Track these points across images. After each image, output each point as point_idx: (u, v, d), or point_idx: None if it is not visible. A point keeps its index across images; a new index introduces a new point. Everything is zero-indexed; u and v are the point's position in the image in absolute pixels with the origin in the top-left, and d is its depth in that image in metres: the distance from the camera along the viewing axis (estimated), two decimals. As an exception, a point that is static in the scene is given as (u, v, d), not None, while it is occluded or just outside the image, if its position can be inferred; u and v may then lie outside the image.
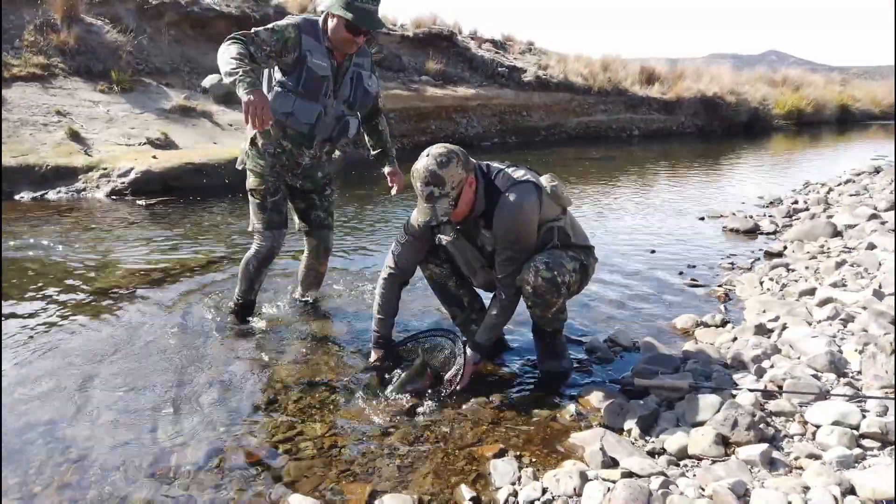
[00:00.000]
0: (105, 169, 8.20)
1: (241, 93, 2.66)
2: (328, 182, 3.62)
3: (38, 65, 10.27)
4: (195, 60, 12.58)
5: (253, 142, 3.34)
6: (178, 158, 8.49)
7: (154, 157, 8.47)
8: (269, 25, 3.04)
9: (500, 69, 17.30)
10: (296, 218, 3.67)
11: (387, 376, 2.88)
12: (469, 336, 3.04)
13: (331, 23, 3.07)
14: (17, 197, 7.65)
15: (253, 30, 2.99)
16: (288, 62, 3.06)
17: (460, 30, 18.47)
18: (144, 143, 9.02)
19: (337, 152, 3.56)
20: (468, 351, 2.84)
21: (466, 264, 2.96)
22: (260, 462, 2.28)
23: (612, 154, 13.83)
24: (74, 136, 8.82)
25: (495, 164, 2.78)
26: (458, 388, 2.76)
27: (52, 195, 7.80)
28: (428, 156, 2.59)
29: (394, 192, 3.62)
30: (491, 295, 2.94)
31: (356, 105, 3.31)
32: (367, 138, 3.71)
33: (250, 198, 3.43)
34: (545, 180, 2.77)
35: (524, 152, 13.27)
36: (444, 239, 2.87)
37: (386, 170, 3.68)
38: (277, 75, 3.13)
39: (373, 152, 3.73)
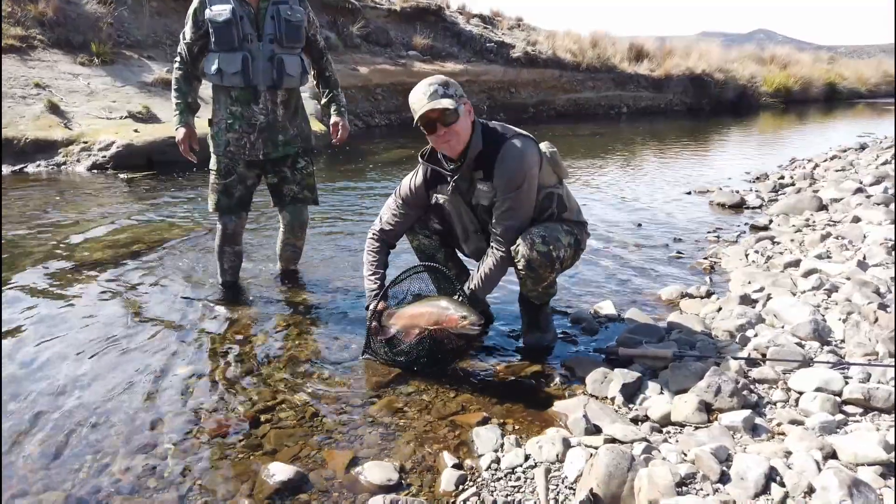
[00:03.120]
0: (86, 142, 8.07)
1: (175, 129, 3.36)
2: (299, 153, 3.49)
3: (16, 36, 10.04)
4: (177, 33, 12.33)
5: (210, 122, 3.38)
6: (161, 132, 8.36)
7: (135, 130, 8.34)
8: (188, 13, 3.22)
9: (488, 45, 17.15)
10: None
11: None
12: None
13: None
14: (-6, 171, 7.52)
15: (182, 34, 3.30)
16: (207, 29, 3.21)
17: (448, 4, 18.28)
18: (126, 117, 8.87)
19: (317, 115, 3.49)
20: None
21: (461, 226, 2.84)
22: (240, 430, 2.25)
23: (600, 131, 13.79)
24: (54, 108, 8.66)
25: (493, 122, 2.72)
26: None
27: (31, 168, 7.67)
28: (427, 78, 2.58)
29: (334, 141, 3.52)
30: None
31: (284, 40, 3.23)
32: (317, 86, 3.60)
33: (210, 176, 3.47)
34: (544, 146, 2.70)
35: (512, 129, 13.18)
36: (440, 198, 2.77)
37: (332, 119, 3.55)
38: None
39: (322, 100, 3.59)
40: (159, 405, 2.42)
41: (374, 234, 2.93)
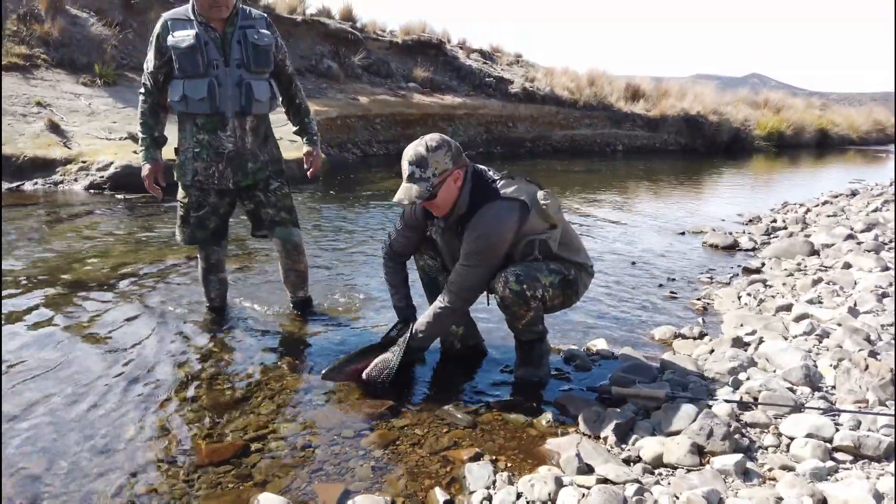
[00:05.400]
0: (84, 162, 8.10)
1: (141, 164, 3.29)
2: (271, 176, 3.38)
3: (20, 55, 10.15)
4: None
5: (176, 150, 3.30)
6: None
7: (135, 151, 8.35)
8: (151, 41, 3.15)
9: (487, 79, 17.41)
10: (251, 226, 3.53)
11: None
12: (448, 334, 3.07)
13: None
14: (-9, 187, 7.52)
15: (146, 63, 3.20)
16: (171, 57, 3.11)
17: (449, 39, 18.59)
18: (126, 138, 8.91)
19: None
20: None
21: (452, 260, 2.88)
22: (230, 459, 2.23)
23: (596, 168, 13.94)
24: (54, 127, 8.71)
25: (493, 174, 2.74)
26: (376, 378, 2.77)
27: (28, 186, 7.68)
28: (421, 139, 2.61)
29: (308, 174, 3.48)
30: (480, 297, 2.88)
31: (251, 65, 3.13)
32: (287, 114, 3.52)
33: (177, 208, 3.40)
34: (540, 196, 2.69)
35: (509, 163, 13.34)
36: (433, 231, 2.86)
37: (304, 149, 3.48)
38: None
39: (294, 128, 3.53)
40: (148, 431, 2.41)
41: (385, 254, 3.04)
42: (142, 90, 3.24)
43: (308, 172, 3.47)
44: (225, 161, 3.22)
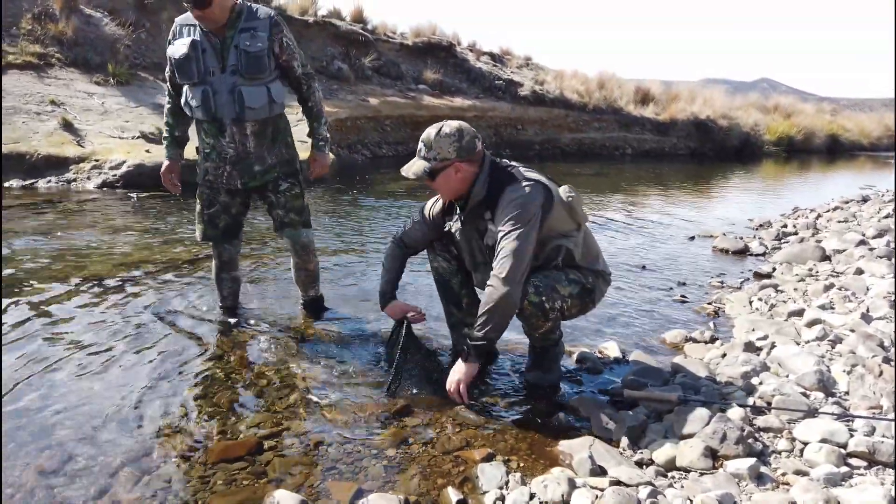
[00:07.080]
0: (97, 161, 8.15)
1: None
2: (280, 177, 3.35)
3: (34, 53, 10.23)
4: (193, 57, 12.53)
5: (197, 150, 3.37)
6: (172, 154, 8.44)
7: (147, 150, 8.43)
8: (168, 43, 3.20)
9: (497, 82, 17.42)
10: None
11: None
12: (458, 337, 3.06)
13: None
14: (6, 185, 7.58)
15: (167, 70, 3.25)
16: None
17: (459, 41, 18.61)
18: (138, 137, 8.97)
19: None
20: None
21: (470, 256, 2.87)
22: (244, 457, 2.25)
23: (604, 171, 13.92)
24: (68, 126, 8.77)
25: (515, 163, 2.74)
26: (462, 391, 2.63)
27: (41, 184, 7.74)
28: (443, 122, 2.66)
29: (310, 177, 3.49)
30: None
31: (244, 71, 3.07)
32: (303, 113, 3.47)
33: (196, 205, 3.47)
34: (563, 191, 2.69)
35: (518, 165, 13.30)
36: (453, 226, 2.85)
37: (310, 152, 3.46)
38: None
39: (306, 130, 3.47)
40: (163, 427, 2.43)
41: (394, 239, 3.04)
42: (166, 92, 3.36)
43: (310, 175, 3.49)
44: (229, 164, 3.27)
